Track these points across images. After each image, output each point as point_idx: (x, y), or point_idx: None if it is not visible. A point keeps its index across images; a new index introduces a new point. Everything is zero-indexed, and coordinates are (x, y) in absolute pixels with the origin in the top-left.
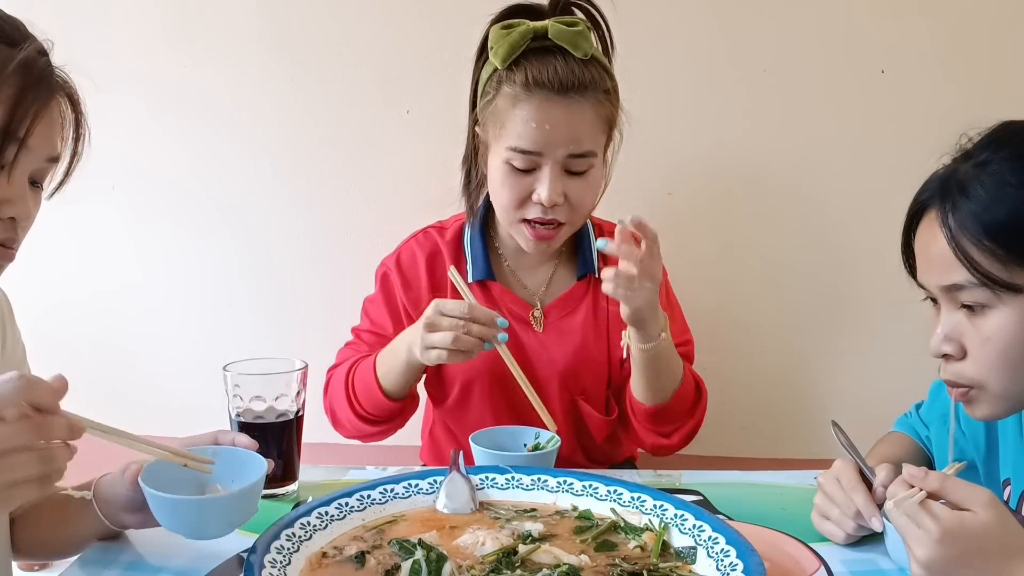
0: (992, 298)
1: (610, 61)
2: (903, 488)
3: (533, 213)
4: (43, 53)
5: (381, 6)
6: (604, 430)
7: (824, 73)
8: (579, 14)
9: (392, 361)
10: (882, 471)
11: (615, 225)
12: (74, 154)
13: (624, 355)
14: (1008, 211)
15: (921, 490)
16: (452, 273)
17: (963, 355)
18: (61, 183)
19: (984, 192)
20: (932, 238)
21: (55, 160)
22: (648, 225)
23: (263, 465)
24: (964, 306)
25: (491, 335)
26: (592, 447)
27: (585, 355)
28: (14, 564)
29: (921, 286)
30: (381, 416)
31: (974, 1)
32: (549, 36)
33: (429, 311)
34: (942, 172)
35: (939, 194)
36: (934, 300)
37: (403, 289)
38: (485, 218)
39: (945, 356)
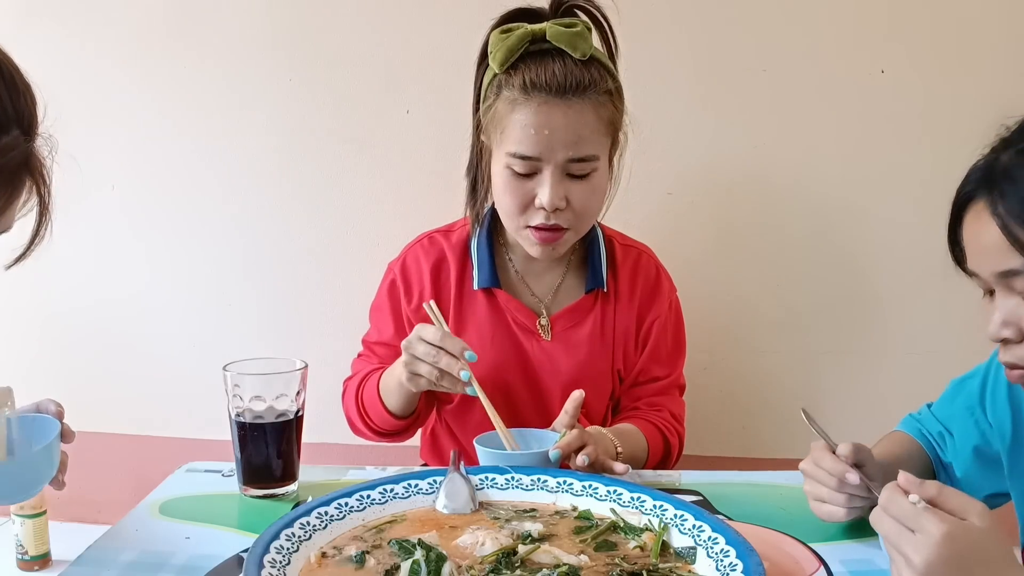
0: None
1: (614, 63)
2: (898, 495)
3: (537, 219)
4: (27, 134)
5: (381, 6)
6: None
7: (824, 73)
8: (582, 16)
9: (391, 382)
10: (844, 444)
11: (625, 236)
12: (35, 235)
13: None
14: None
15: (918, 497)
16: (429, 306)
17: (1021, 338)
18: (20, 258)
19: None
20: (982, 227)
21: (2, 232)
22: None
23: (53, 435)
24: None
25: (456, 369)
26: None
27: (590, 369)
28: (14, 563)
29: (972, 274)
30: (393, 430)
31: (974, 1)
32: (547, 38)
33: (410, 337)
34: (983, 162)
35: (984, 184)
36: (986, 290)
37: (406, 298)
38: (492, 223)
39: (1003, 341)
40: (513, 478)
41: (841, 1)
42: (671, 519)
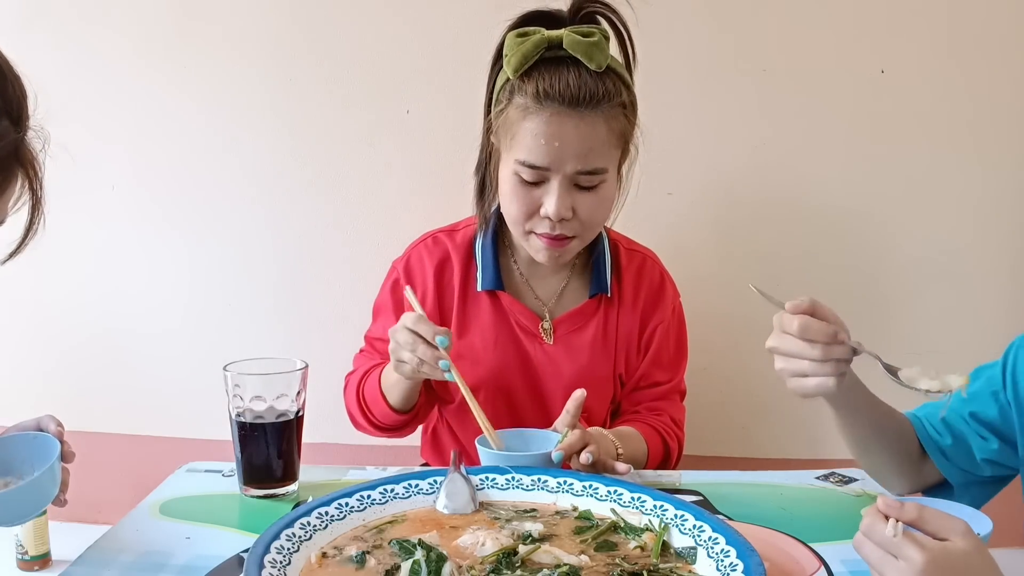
0: None
1: (631, 73)
2: (879, 521)
3: (542, 227)
4: (16, 125)
5: (381, 6)
6: None
7: (824, 73)
8: (602, 23)
9: (391, 375)
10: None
11: (630, 241)
12: (28, 228)
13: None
14: None
15: (898, 522)
16: (408, 292)
17: None
18: (14, 252)
19: None
20: None
21: None
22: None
23: (53, 457)
24: None
25: (433, 358)
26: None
27: (591, 373)
28: (14, 564)
29: None
30: (394, 424)
31: (974, 1)
32: (563, 46)
33: (396, 324)
34: None
35: None
36: None
37: None
38: (498, 225)
39: None
40: (513, 478)
41: (841, 1)
42: (671, 519)
